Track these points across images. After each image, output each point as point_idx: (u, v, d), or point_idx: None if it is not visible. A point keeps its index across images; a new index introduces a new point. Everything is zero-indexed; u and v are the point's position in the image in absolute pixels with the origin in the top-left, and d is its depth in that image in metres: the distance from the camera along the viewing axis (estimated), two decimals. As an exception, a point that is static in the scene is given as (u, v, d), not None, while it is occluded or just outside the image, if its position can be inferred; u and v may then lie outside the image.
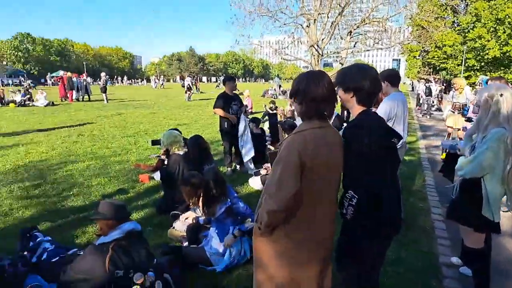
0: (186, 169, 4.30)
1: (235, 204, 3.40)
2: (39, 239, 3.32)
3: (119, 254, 2.23)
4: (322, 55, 20.07)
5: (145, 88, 50.20)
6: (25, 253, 3.17)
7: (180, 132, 4.73)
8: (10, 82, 49.82)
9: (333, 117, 1.99)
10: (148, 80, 75.69)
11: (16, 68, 62.61)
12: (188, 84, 24.38)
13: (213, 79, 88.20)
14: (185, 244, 3.50)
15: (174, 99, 24.60)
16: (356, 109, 1.91)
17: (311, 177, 1.72)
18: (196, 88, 33.72)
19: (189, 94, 23.60)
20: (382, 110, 3.52)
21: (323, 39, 20.32)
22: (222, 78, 25.68)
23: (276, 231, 1.81)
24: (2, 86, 36.42)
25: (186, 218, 3.77)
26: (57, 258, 2.91)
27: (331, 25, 19.72)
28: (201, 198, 3.56)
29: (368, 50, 20.98)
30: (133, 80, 78.67)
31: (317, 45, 19.58)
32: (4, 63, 61.87)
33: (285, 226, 1.80)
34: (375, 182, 1.80)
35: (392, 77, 3.80)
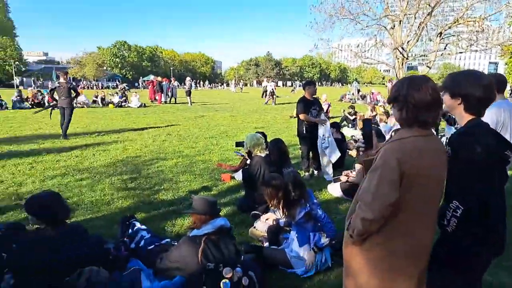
0: (267, 171, 4.41)
1: (313, 211, 3.39)
2: (136, 227, 3.67)
3: (210, 248, 2.38)
4: (406, 58, 18.91)
5: (225, 92, 52.53)
6: (125, 239, 3.55)
7: (265, 136, 4.86)
8: (109, 85, 56.15)
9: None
10: (228, 84, 79.25)
11: (114, 73, 70.31)
12: (272, 89, 24.34)
13: (288, 83, 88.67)
14: (266, 244, 3.58)
15: (251, 102, 25.32)
16: (464, 117, 1.79)
17: (410, 187, 1.65)
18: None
19: (269, 98, 23.54)
20: (488, 118, 3.21)
21: (408, 41, 19.15)
22: (297, 82, 25.71)
23: (369, 239, 1.77)
24: (102, 89, 41.31)
25: (267, 219, 3.86)
26: (152, 246, 3.20)
27: (418, 26, 18.50)
28: (281, 201, 3.62)
29: (461, 53, 19.18)
30: (213, 84, 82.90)
31: (402, 48, 18.52)
32: (104, 68, 69.74)
33: (379, 235, 1.74)
34: (485, 190, 1.71)
35: (498, 83, 3.44)
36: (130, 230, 3.64)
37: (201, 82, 75.58)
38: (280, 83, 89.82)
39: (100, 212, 4.55)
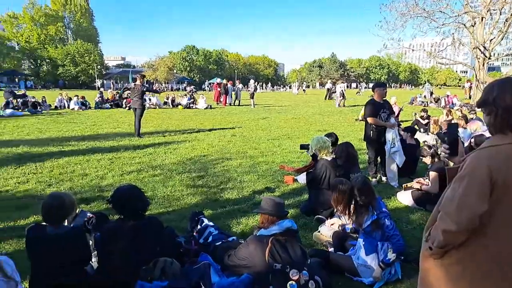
0: (332, 175, 4.33)
1: (381, 220, 3.23)
2: (204, 223, 3.84)
3: (277, 248, 2.40)
4: (488, 58, 17.25)
5: (287, 94, 52.60)
6: (195, 233, 3.73)
7: (337, 138, 4.76)
8: (179, 87, 59.45)
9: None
10: (290, 87, 79.09)
11: (183, 76, 74.25)
12: (342, 91, 23.56)
13: (353, 85, 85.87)
14: (331, 249, 3.51)
15: (314, 105, 25.01)
16: None
17: (501, 198, 1.50)
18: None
19: (341, 100, 22.72)
20: None
21: (491, 40, 17.45)
22: (362, 84, 24.72)
23: (450, 253, 1.65)
24: (172, 91, 43.90)
25: (332, 224, 3.78)
26: (220, 242, 3.32)
27: (504, 23, 16.76)
28: (348, 206, 3.52)
29: (555, 51, 17.03)
30: (276, 87, 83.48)
31: (483, 47, 16.94)
32: (174, 71, 73.93)
33: (462, 250, 1.61)
34: None
35: None
36: (199, 226, 3.82)
37: (264, 84, 76.52)
38: (344, 85, 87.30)
39: (171, 206, 4.83)
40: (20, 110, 16.40)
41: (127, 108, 18.28)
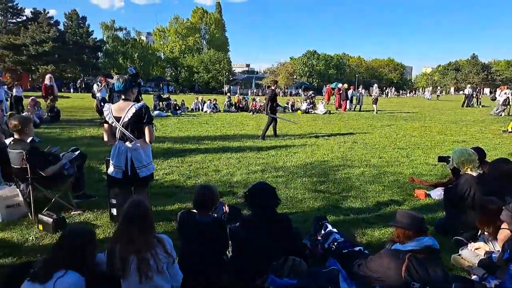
0: (478, 193, 3.80)
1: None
2: (328, 228, 3.82)
3: (415, 266, 2.24)
4: None
5: (415, 99, 48.38)
6: (318, 237, 3.75)
7: (483, 153, 4.20)
8: (298, 92, 60.56)
9: None
10: (415, 91, 72.28)
11: (302, 81, 75.31)
12: (508, 97, 19.52)
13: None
14: (474, 277, 3.09)
15: (448, 112, 22.35)
16: None
17: None
18: (477, 101, 29.20)
19: (502, 109, 19.48)
20: None
21: None
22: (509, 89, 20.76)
23: None
24: (291, 95, 44.96)
25: (477, 249, 3.32)
26: (346, 250, 3.26)
27: None
28: (498, 230, 3.06)
29: None
30: (401, 91, 77.56)
31: None
32: (294, 77, 75.56)
33: None
34: None
35: None
36: (322, 231, 3.82)
37: (387, 89, 71.98)
38: (487, 90, 75.80)
39: (294, 208, 4.96)
40: (164, 111, 19.09)
41: (252, 113, 19.59)
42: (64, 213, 4.46)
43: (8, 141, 4.63)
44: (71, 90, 45.11)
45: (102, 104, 15.78)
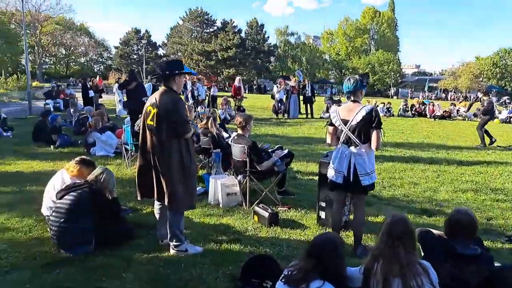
0: None
1: None
2: None
3: None
4: None
5: None
6: None
7: None
8: (477, 96, 51.19)
9: None
10: None
11: (490, 84, 63.22)
12: None
13: None
14: None
15: None
16: None
17: None
18: None
19: None
20: None
21: None
22: None
23: None
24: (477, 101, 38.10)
25: None
26: None
27: None
28: None
29: None
30: None
31: None
32: (480, 79, 64.26)
33: None
34: None
35: None
36: None
37: None
38: None
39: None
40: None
41: (434, 118, 17.49)
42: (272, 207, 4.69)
43: (233, 135, 5.19)
44: (247, 91, 50.57)
45: (279, 105, 16.85)
